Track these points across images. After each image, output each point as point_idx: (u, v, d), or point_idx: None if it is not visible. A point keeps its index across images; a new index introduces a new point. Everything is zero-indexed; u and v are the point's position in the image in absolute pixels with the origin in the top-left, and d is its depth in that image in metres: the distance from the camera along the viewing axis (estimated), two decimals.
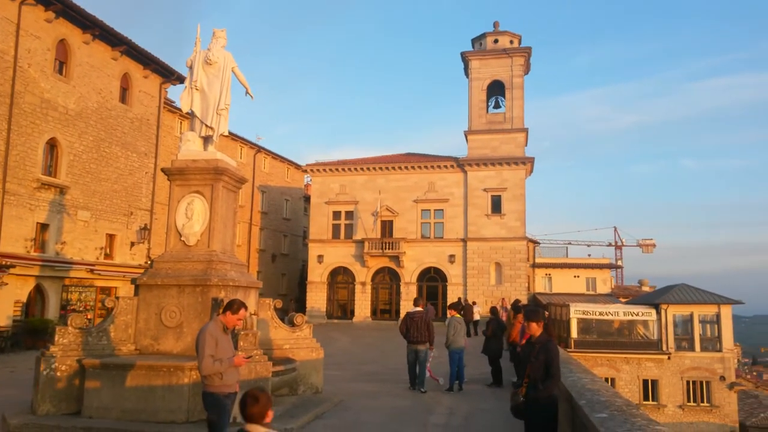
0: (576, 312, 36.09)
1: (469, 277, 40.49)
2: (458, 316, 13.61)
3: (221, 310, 6.60)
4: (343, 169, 44.04)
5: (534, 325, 7.10)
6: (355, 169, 43.87)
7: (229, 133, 42.24)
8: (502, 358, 14.27)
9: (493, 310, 15.51)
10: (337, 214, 43.77)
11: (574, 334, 35.68)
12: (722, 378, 33.67)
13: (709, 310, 34.58)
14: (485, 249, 40.59)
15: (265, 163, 48.47)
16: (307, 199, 50.34)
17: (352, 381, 14.16)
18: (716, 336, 34.68)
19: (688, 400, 33.68)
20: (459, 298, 34.60)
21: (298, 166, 51.24)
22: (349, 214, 43.51)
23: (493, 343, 14.19)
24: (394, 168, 43.32)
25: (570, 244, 66.74)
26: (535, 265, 50.70)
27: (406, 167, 43.10)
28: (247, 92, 11.36)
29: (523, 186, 41.03)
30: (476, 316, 29.91)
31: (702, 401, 33.60)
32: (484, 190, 41.17)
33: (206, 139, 10.99)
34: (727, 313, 34.54)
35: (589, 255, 55.51)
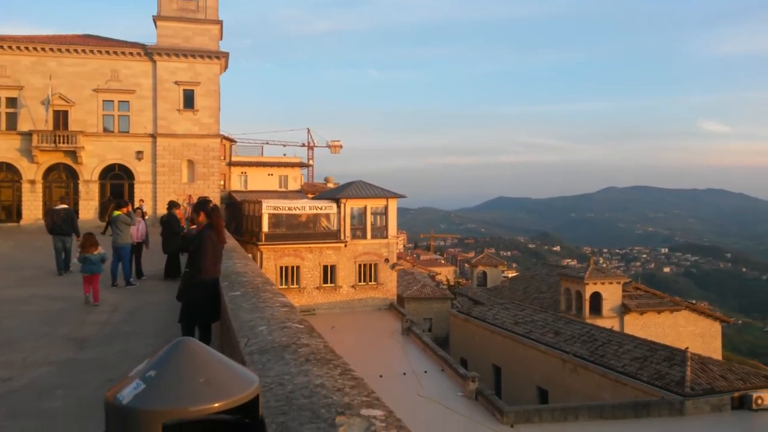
0: (267, 208, 37.82)
1: (159, 174, 38.71)
2: (123, 213, 13.23)
3: None
4: (2, 47, 36.70)
5: (198, 217, 7.37)
6: (18, 47, 36.94)
7: None
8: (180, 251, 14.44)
9: (169, 206, 15.28)
10: None
11: (265, 228, 37.51)
12: (386, 260, 39.56)
13: (379, 203, 39.73)
14: (177, 146, 39.01)
15: None
16: None
17: (5, 288, 12.71)
18: (384, 225, 40.21)
19: (360, 281, 38.91)
20: (141, 200, 33.39)
21: None
22: (12, 101, 36.96)
23: (168, 238, 14.18)
24: (69, 50, 37.75)
25: (267, 143, 68.36)
26: (231, 164, 50.97)
27: (84, 51, 37.97)
28: None
29: (217, 82, 39.94)
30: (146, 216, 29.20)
31: (370, 280, 39.15)
32: (176, 83, 38.92)
33: None
34: (393, 205, 40.14)
35: (285, 154, 57.99)
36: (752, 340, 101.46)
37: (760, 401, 21.08)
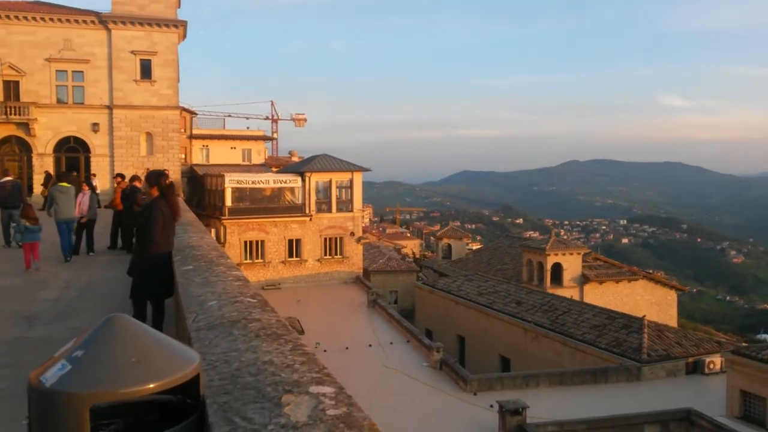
0: (231, 182, 37.21)
1: (117, 147, 37.55)
2: (65, 185, 12.91)
3: None
4: None
5: (150, 189, 7.10)
6: None
7: None
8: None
9: (130, 179, 14.90)
10: None
11: (228, 202, 36.95)
12: (352, 234, 39.46)
13: (345, 177, 39.43)
14: (134, 117, 37.83)
15: None
16: None
17: None
18: (349, 199, 40.02)
19: (325, 254, 38.77)
20: (92, 174, 32.53)
21: None
22: None
23: (129, 213, 13.91)
24: (18, 17, 36.07)
25: (229, 116, 66.85)
26: (192, 136, 49.81)
27: (35, 18, 36.31)
28: None
29: (175, 51, 38.71)
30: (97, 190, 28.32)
31: (336, 254, 39.05)
32: (132, 52, 37.56)
33: None
34: (358, 179, 39.91)
35: (248, 128, 56.96)
36: (706, 308, 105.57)
37: (712, 366, 21.93)
